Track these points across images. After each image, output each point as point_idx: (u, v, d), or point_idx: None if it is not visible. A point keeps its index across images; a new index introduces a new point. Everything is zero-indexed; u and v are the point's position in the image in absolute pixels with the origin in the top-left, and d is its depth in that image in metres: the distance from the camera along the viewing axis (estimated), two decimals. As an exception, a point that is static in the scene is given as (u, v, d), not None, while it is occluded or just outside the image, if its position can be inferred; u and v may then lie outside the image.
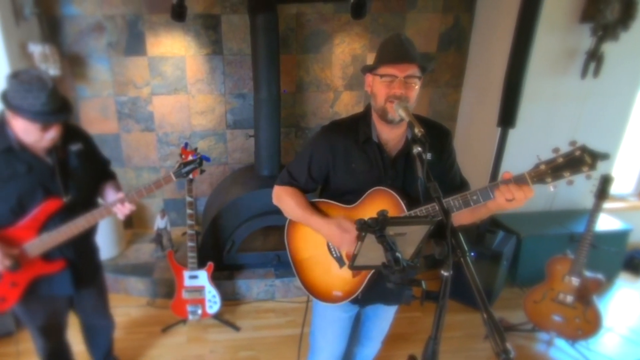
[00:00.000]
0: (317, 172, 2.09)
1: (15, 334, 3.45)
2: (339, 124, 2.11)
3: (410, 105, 1.80)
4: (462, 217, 1.88)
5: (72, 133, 2.31)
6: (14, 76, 1.97)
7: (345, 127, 2.06)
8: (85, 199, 2.30)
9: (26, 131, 2.03)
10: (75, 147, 2.28)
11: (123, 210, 2.26)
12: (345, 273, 2.07)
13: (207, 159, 2.78)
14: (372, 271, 1.99)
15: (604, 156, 1.53)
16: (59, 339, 2.74)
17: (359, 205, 1.99)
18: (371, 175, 1.99)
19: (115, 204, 2.25)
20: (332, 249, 2.11)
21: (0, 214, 2.14)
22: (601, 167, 1.68)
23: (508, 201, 1.66)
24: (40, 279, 2.31)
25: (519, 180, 1.65)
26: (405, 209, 1.89)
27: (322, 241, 2.12)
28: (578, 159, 1.55)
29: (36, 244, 2.20)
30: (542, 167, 1.61)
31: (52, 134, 2.06)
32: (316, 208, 2.10)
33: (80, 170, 2.29)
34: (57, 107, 2.02)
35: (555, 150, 1.60)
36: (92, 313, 2.79)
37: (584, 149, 1.55)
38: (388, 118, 1.86)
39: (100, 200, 2.48)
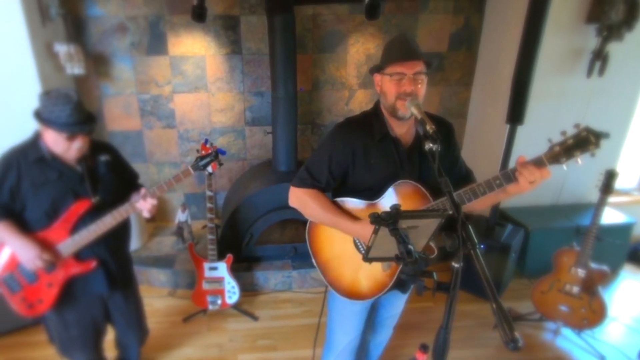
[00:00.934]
0: (337, 171, 2.07)
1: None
2: (353, 121, 2.11)
3: (420, 101, 1.83)
4: (479, 202, 1.89)
5: (101, 147, 2.44)
6: (45, 94, 2.13)
7: (360, 125, 2.07)
8: (112, 201, 2.36)
9: (55, 142, 2.16)
10: (103, 157, 2.39)
11: (145, 205, 2.34)
12: (375, 268, 2.07)
13: (223, 152, 2.82)
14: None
15: (605, 135, 1.62)
16: (96, 350, 2.74)
17: (383, 199, 2.00)
18: (388, 170, 2.00)
19: (138, 200, 2.33)
20: (360, 246, 2.10)
21: (37, 218, 2.26)
22: (606, 163, 1.76)
23: (530, 183, 1.71)
24: (75, 280, 2.39)
25: (537, 163, 1.71)
26: (431, 199, 1.92)
27: (348, 239, 2.12)
28: (585, 139, 1.63)
29: (69, 244, 2.29)
30: (557, 148, 1.68)
31: (78, 144, 2.18)
32: (341, 208, 2.08)
33: (108, 177, 2.40)
34: (82, 119, 2.15)
35: (563, 132, 1.67)
36: (126, 324, 2.79)
37: (588, 130, 1.63)
38: (399, 115, 1.90)
39: None
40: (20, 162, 2.20)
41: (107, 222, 2.29)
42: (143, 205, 2.34)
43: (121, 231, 2.49)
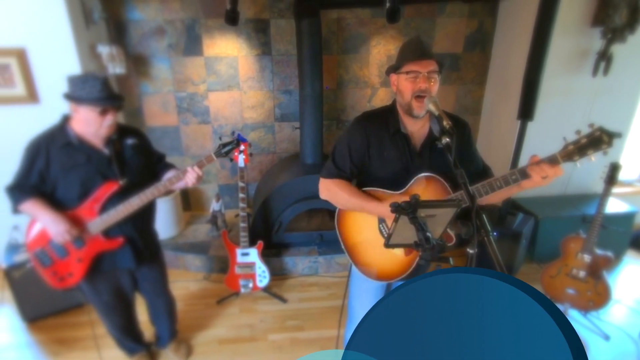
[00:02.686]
0: (357, 159, 2.14)
1: (86, 305, 3.58)
2: (371, 115, 2.17)
3: (434, 98, 1.88)
4: (495, 195, 1.92)
5: (128, 130, 2.50)
6: (74, 76, 2.22)
7: (377, 118, 2.13)
8: (139, 183, 2.40)
9: (87, 121, 2.22)
10: (130, 141, 2.45)
11: (192, 173, 2.41)
12: (398, 253, 2.13)
13: (244, 139, 2.91)
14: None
15: (618, 135, 1.64)
16: (127, 315, 2.85)
17: (407, 191, 2.06)
18: (400, 163, 2.07)
19: (182, 174, 2.40)
20: (384, 231, 2.16)
21: (68, 198, 2.33)
22: (611, 156, 1.86)
23: (543, 179, 1.74)
24: (104, 255, 2.47)
25: (552, 161, 1.73)
26: (450, 191, 1.97)
27: (373, 226, 2.18)
28: (598, 139, 1.65)
29: (97, 223, 2.36)
30: (570, 147, 1.69)
31: (109, 121, 2.24)
32: (367, 194, 2.15)
33: (135, 160, 2.46)
34: (112, 94, 2.22)
35: (578, 132, 1.68)
36: (153, 292, 2.89)
37: (601, 130, 1.65)
38: (414, 114, 1.95)
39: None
40: (49, 146, 2.25)
41: (134, 203, 2.36)
42: (191, 173, 2.42)
43: (147, 211, 2.56)
